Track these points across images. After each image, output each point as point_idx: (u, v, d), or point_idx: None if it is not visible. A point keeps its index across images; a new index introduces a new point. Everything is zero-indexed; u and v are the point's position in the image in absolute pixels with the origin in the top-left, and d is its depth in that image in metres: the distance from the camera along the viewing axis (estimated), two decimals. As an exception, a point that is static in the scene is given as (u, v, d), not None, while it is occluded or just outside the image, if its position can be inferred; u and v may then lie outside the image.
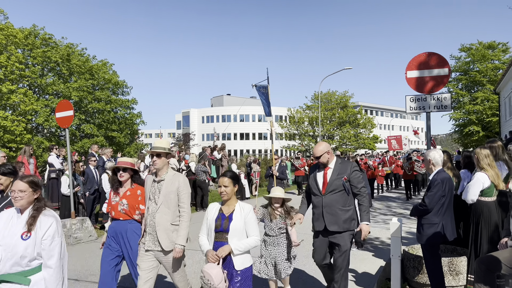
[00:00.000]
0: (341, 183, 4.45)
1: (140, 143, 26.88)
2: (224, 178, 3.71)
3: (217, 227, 3.64)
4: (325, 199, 4.51)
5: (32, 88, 19.47)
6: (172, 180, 4.18)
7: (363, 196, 4.48)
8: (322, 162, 4.55)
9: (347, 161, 4.64)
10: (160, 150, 4.17)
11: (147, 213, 4.20)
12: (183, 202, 4.19)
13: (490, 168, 4.72)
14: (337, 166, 4.55)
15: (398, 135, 26.51)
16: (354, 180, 4.49)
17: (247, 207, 3.74)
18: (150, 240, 4.16)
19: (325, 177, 4.56)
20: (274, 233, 4.85)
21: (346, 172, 4.49)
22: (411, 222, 9.96)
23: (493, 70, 31.94)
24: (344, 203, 4.48)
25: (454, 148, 53.96)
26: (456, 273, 4.93)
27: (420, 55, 6.22)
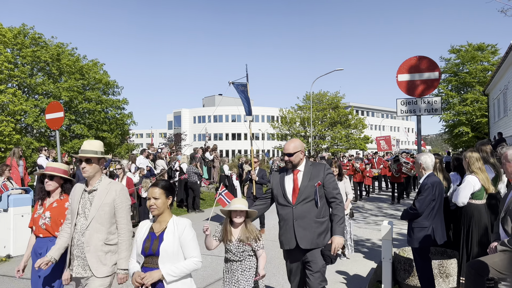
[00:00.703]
0: (315, 189, 3.72)
1: (131, 144, 26.72)
2: (154, 189, 3.05)
3: (145, 250, 2.99)
4: (296, 210, 3.73)
5: (21, 88, 19.24)
6: (107, 190, 3.44)
7: (338, 204, 3.78)
8: (293, 162, 3.80)
9: (318, 163, 3.97)
10: (90, 155, 3.45)
11: (75, 231, 3.42)
12: (121, 217, 3.43)
13: (480, 172, 4.78)
14: (308, 169, 3.83)
15: (387, 136, 25.70)
16: (329, 185, 3.79)
17: (182, 223, 3.06)
18: (78, 264, 3.37)
19: (295, 183, 3.81)
20: (237, 257, 3.60)
21: (319, 176, 3.79)
22: (402, 223, 10.03)
23: (482, 72, 32.32)
24: (319, 213, 3.74)
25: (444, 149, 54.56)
26: (446, 276, 4.98)
27: (411, 59, 6.29)
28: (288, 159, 3.81)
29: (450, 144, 37.90)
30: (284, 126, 43.66)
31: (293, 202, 3.76)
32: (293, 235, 3.75)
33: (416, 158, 4.74)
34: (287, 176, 3.90)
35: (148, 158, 13.74)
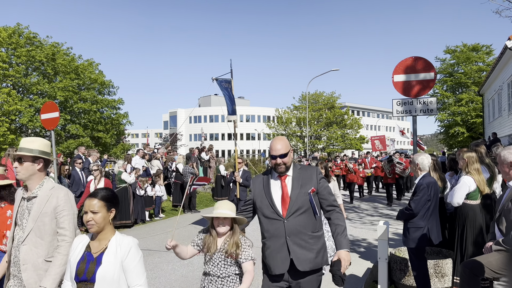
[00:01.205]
0: (308, 197, 3.02)
1: (127, 144, 26.66)
2: (92, 200, 2.48)
3: (79, 274, 2.41)
4: (288, 225, 2.97)
5: (16, 87, 19.15)
6: (48, 196, 2.88)
7: (337, 212, 3.10)
8: (287, 164, 3.05)
9: (308, 166, 3.30)
10: (24, 153, 2.87)
11: (12, 246, 2.92)
12: (63, 228, 2.86)
13: (477, 173, 4.80)
14: (298, 173, 3.12)
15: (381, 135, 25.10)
16: (324, 191, 3.11)
17: (126, 243, 2.50)
18: (14, 285, 2.86)
19: (284, 191, 3.06)
20: (219, 272, 2.95)
21: (311, 181, 3.08)
22: (398, 223, 10.06)
23: (477, 72, 32.51)
24: (315, 226, 3.05)
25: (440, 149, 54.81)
26: (441, 275, 5.00)
27: (407, 60, 6.31)
28: (281, 161, 3.01)
29: (445, 144, 38.11)
30: (280, 126, 43.75)
31: (283, 215, 2.99)
32: (287, 256, 2.98)
33: (413, 159, 4.75)
34: (273, 183, 3.12)
35: (144, 158, 13.70)
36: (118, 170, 10.78)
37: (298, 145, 43.05)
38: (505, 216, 3.26)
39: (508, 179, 3.38)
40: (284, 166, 3.04)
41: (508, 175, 3.35)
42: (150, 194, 11.75)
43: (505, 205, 3.27)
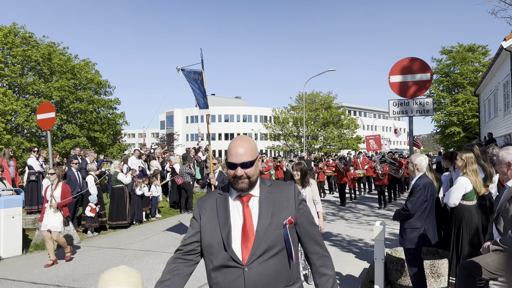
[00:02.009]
0: (283, 232, 1.98)
1: (123, 144, 26.59)
2: None
3: None
4: (251, 275, 1.92)
5: (11, 87, 19.05)
6: None
7: (325, 255, 2.21)
8: (252, 178, 1.98)
9: (281, 183, 2.15)
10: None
11: None
12: None
13: (474, 174, 4.82)
14: (267, 194, 2.04)
15: (376, 135, 24.46)
16: (305, 221, 2.09)
17: None
18: None
19: (246, 221, 1.98)
20: None
21: (288, 206, 2.04)
22: (394, 224, 10.09)
23: (473, 73, 32.67)
24: (289, 278, 2.03)
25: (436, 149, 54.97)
26: (437, 275, 5.02)
27: (403, 60, 6.33)
28: (244, 172, 1.94)
29: (441, 145, 38.25)
30: (277, 126, 43.79)
31: (244, 260, 1.91)
32: None
33: (411, 159, 4.76)
34: (230, 207, 2.01)
35: (140, 158, 13.67)
36: (114, 171, 10.76)
37: (295, 145, 43.10)
38: (503, 216, 3.27)
39: (506, 179, 3.39)
40: (247, 181, 1.93)
41: (506, 175, 3.36)
42: (146, 194, 11.74)
43: (503, 205, 3.29)
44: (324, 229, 5.74)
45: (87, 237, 9.79)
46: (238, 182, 1.95)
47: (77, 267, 7.05)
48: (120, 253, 8.11)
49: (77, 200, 10.27)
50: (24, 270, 6.95)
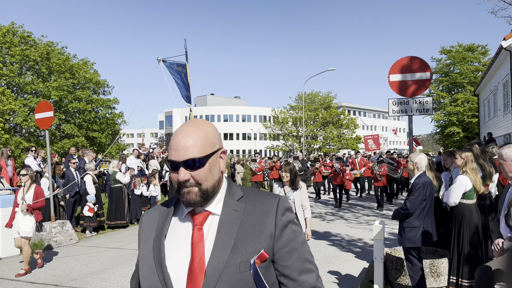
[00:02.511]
0: (252, 274, 1.22)
1: (122, 144, 26.55)
2: None
3: None
4: None
5: (10, 87, 19.02)
6: None
7: None
8: (203, 186, 1.25)
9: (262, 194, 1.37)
10: None
11: None
12: None
13: (473, 173, 4.80)
14: (232, 211, 1.30)
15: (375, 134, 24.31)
16: (290, 259, 1.29)
17: None
18: None
19: (195, 255, 1.24)
20: None
21: (262, 233, 1.27)
22: (393, 223, 10.07)
23: (473, 72, 32.67)
24: None
25: (435, 149, 55.00)
26: (437, 275, 5.00)
27: (403, 59, 6.31)
28: (190, 176, 1.25)
29: (441, 144, 38.25)
30: (276, 126, 43.77)
31: None
32: None
33: (411, 158, 4.73)
34: (175, 230, 1.34)
35: (139, 158, 13.64)
36: (113, 170, 10.73)
37: (295, 145, 43.09)
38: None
39: (509, 177, 3.36)
40: (196, 191, 1.26)
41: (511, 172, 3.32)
42: (145, 194, 11.71)
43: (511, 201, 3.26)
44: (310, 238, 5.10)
45: (85, 236, 9.76)
46: (183, 192, 1.24)
47: (76, 267, 7.01)
48: (119, 252, 8.08)
49: (75, 200, 10.24)
50: (21, 270, 6.91)
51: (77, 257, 7.74)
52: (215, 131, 1.33)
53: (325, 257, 7.41)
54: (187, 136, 1.25)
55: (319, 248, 8.05)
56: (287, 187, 5.17)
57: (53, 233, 8.70)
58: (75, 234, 9.25)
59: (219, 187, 1.32)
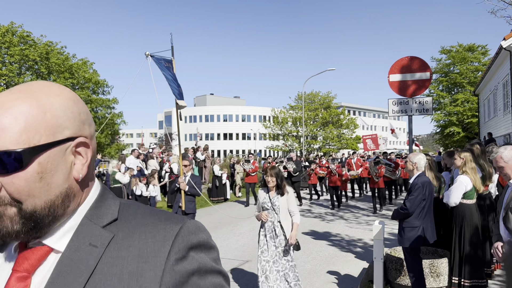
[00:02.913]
0: None
1: (121, 144, 26.55)
2: None
3: None
4: None
5: (9, 87, 19.01)
6: None
7: None
8: (15, 204, 0.69)
9: (155, 215, 0.81)
10: None
11: None
12: None
13: (473, 172, 4.79)
14: (87, 246, 0.73)
15: (373, 134, 23.70)
16: None
17: None
18: None
19: None
20: None
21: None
22: (393, 223, 10.05)
23: (472, 72, 32.66)
24: None
25: (436, 149, 55.03)
26: (437, 275, 4.98)
27: (403, 59, 6.30)
28: (0, 186, 0.69)
29: (441, 144, 38.24)
30: (276, 126, 43.73)
31: None
32: None
33: (410, 158, 4.72)
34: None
35: (139, 158, 13.63)
36: (112, 170, 10.72)
37: (294, 145, 43.07)
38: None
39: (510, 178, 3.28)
40: (13, 213, 0.70)
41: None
42: (144, 194, 11.69)
43: (509, 203, 3.19)
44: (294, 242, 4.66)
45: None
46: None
47: (74, 267, 6.99)
48: (118, 253, 8.04)
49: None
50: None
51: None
52: (68, 104, 0.77)
53: (324, 257, 7.40)
54: (0, 109, 0.70)
55: (319, 248, 8.04)
56: (273, 193, 4.81)
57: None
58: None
59: (68, 206, 0.76)
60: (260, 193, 4.94)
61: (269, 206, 4.76)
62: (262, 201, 4.83)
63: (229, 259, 7.30)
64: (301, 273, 6.43)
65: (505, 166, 3.24)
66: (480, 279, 4.67)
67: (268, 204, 4.78)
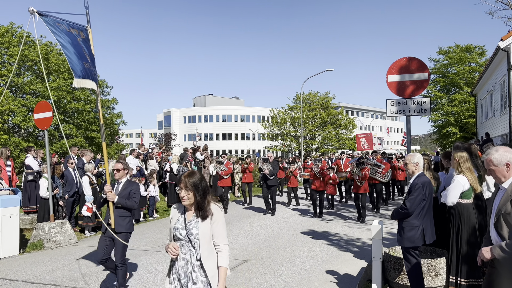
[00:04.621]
0: None
1: (121, 144, 26.54)
2: None
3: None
4: None
5: (8, 87, 18.99)
6: None
7: None
8: None
9: None
10: None
11: None
12: None
13: (469, 172, 4.83)
14: None
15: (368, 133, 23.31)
16: None
17: None
18: None
19: None
20: None
21: None
22: (392, 223, 10.11)
23: (470, 73, 32.76)
24: None
25: (433, 149, 55.09)
26: (435, 274, 5.02)
27: (401, 60, 6.35)
28: None
29: (438, 144, 38.33)
30: (274, 126, 43.77)
31: None
32: None
33: (410, 159, 4.75)
34: None
35: (138, 158, 13.65)
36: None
37: (293, 145, 43.11)
38: (505, 221, 3.04)
39: (502, 181, 3.13)
40: None
41: (505, 177, 3.11)
42: (143, 194, 11.72)
43: (501, 209, 3.03)
44: None
45: (84, 236, 9.77)
46: None
47: (75, 267, 7.03)
48: (118, 252, 8.08)
49: (74, 200, 10.25)
50: (21, 270, 6.93)
51: (77, 257, 7.75)
52: None
53: (323, 256, 7.44)
54: None
55: (318, 248, 8.08)
56: (190, 214, 3.04)
57: (52, 233, 8.71)
58: (74, 234, 9.26)
59: None
60: (173, 212, 3.15)
61: (182, 234, 2.99)
62: (174, 226, 3.05)
63: (229, 258, 7.34)
64: (300, 272, 6.49)
65: (495, 169, 3.12)
66: (477, 279, 4.71)
67: (181, 232, 3.01)
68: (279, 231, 9.89)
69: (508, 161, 3.08)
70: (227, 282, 5.58)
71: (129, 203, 5.42)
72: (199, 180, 3.01)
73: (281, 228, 10.35)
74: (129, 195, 5.49)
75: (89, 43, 5.52)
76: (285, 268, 6.71)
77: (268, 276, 6.30)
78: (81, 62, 5.35)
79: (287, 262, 7.03)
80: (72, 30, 5.33)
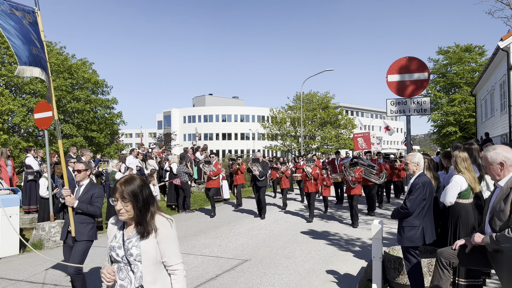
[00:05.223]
0: None
1: (121, 144, 26.54)
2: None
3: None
4: None
5: (8, 87, 18.98)
6: None
7: None
8: None
9: None
10: None
11: None
12: None
13: (467, 172, 4.84)
14: None
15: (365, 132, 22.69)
16: None
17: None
18: None
19: None
20: None
21: None
22: (392, 222, 10.13)
23: (470, 73, 32.78)
24: None
25: (433, 149, 55.11)
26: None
27: (401, 60, 6.36)
28: None
29: (438, 144, 38.34)
30: (274, 126, 43.82)
31: None
32: None
33: (411, 159, 4.75)
34: None
35: (138, 157, 13.65)
36: (112, 170, 10.74)
37: (293, 145, 43.14)
38: (497, 217, 3.16)
39: (498, 180, 3.25)
40: None
41: (499, 175, 3.22)
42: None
43: (496, 207, 3.17)
44: None
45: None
46: None
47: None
48: (118, 252, 8.07)
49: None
50: (21, 270, 6.93)
51: (77, 256, 7.74)
52: None
53: (323, 256, 7.45)
54: None
55: (318, 248, 8.09)
56: (130, 228, 2.45)
57: (52, 232, 8.71)
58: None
59: None
60: (110, 227, 2.60)
61: (119, 255, 2.41)
62: (110, 244, 2.51)
63: (228, 258, 7.35)
64: (300, 272, 6.49)
65: (489, 167, 3.23)
66: (476, 279, 4.70)
67: (118, 252, 2.44)
68: (279, 231, 9.89)
69: (503, 160, 3.16)
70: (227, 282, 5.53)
71: (91, 208, 4.89)
72: (139, 188, 2.36)
73: (281, 228, 10.35)
74: (91, 199, 4.93)
75: (37, 27, 5.08)
76: (285, 267, 6.72)
77: (268, 275, 6.30)
78: (27, 47, 4.87)
79: (287, 262, 7.03)
80: (15, 11, 4.88)
